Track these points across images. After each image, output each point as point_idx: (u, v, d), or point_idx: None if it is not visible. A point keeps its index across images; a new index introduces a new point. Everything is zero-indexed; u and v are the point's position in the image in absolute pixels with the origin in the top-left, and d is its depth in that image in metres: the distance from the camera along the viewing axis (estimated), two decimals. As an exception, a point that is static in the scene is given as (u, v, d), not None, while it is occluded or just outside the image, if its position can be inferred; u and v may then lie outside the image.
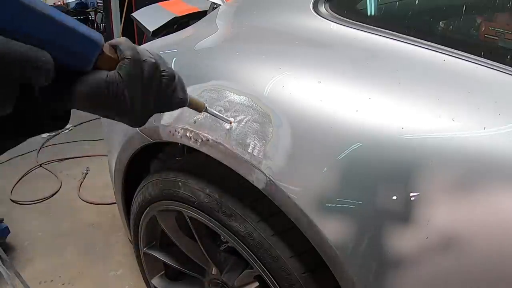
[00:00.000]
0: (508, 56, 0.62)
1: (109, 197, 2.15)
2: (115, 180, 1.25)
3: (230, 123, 0.73)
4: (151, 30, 1.52)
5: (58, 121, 0.44)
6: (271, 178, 0.67)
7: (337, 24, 0.80)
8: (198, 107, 0.64)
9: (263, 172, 0.68)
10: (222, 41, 0.98)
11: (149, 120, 0.50)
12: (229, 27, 1.04)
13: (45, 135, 3.29)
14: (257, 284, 1.01)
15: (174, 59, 0.97)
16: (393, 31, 0.72)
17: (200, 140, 0.79)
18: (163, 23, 1.51)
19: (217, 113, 0.70)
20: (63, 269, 1.72)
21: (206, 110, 0.65)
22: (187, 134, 0.81)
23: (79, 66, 0.42)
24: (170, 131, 0.85)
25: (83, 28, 0.41)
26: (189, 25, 1.29)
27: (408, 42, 0.69)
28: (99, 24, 7.88)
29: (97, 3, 8.57)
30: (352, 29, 0.77)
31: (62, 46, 0.39)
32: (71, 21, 0.40)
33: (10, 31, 0.35)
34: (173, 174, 0.94)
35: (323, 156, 0.63)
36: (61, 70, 0.40)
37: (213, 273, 1.04)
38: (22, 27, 0.36)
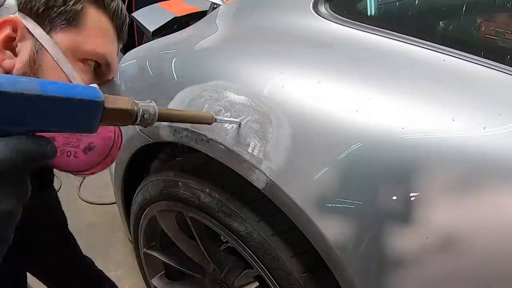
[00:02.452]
0: (508, 56, 0.62)
1: (109, 197, 2.15)
2: (115, 180, 1.25)
3: (239, 124, 0.73)
4: (151, 30, 1.53)
5: None
6: (271, 178, 0.67)
7: (337, 24, 0.80)
8: (207, 120, 0.64)
9: (263, 172, 0.68)
10: (222, 41, 0.98)
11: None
12: (229, 27, 1.04)
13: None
14: (257, 284, 1.01)
15: (174, 59, 0.97)
16: (393, 31, 0.72)
17: (200, 140, 0.79)
18: (163, 23, 1.52)
19: (226, 119, 0.71)
20: (63, 269, 1.71)
21: (215, 121, 0.65)
22: (187, 134, 0.81)
23: (86, 130, 0.40)
24: (170, 131, 0.85)
25: (79, 90, 0.38)
26: (189, 25, 1.29)
27: (408, 42, 0.69)
28: (99, 24, 7.85)
29: (97, 3, 8.56)
30: (352, 29, 0.77)
31: (62, 120, 0.37)
32: (64, 88, 0.37)
33: (12, 128, 0.35)
34: (173, 174, 0.94)
35: (323, 156, 0.63)
36: None
37: (213, 273, 1.04)
38: (22, 121, 0.35)
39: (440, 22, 0.79)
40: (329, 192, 0.61)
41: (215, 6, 1.21)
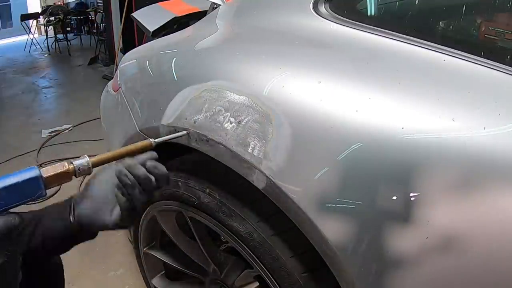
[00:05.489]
0: (508, 56, 0.62)
1: (109, 197, 2.15)
2: (115, 180, 1.25)
3: (188, 134, 0.78)
4: (151, 30, 1.52)
5: None
6: (271, 178, 0.67)
7: (337, 24, 0.80)
8: (146, 147, 0.69)
9: (263, 172, 0.68)
10: (222, 41, 0.98)
11: (149, 120, 0.51)
12: (229, 27, 1.04)
13: (44, 135, 3.29)
14: (257, 284, 1.01)
15: (174, 59, 0.97)
16: (393, 31, 0.72)
17: (200, 140, 0.79)
18: (163, 23, 1.51)
19: (167, 137, 0.75)
20: (63, 269, 1.71)
21: (156, 143, 0.70)
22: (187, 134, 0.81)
23: (36, 198, 0.51)
24: (170, 131, 0.85)
25: (16, 176, 0.51)
26: (189, 25, 1.29)
27: (408, 42, 0.69)
28: (99, 24, 7.85)
29: (97, 3, 8.55)
30: (352, 29, 0.77)
31: (15, 198, 0.49)
32: (4, 180, 0.50)
33: None
34: (173, 174, 0.94)
35: (323, 156, 0.63)
36: None
37: (213, 273, 1.04)
38: None
39: (440, 22, 0.79)
40: (329, 192, 0.61)
41: (215, 6, 1.20)
